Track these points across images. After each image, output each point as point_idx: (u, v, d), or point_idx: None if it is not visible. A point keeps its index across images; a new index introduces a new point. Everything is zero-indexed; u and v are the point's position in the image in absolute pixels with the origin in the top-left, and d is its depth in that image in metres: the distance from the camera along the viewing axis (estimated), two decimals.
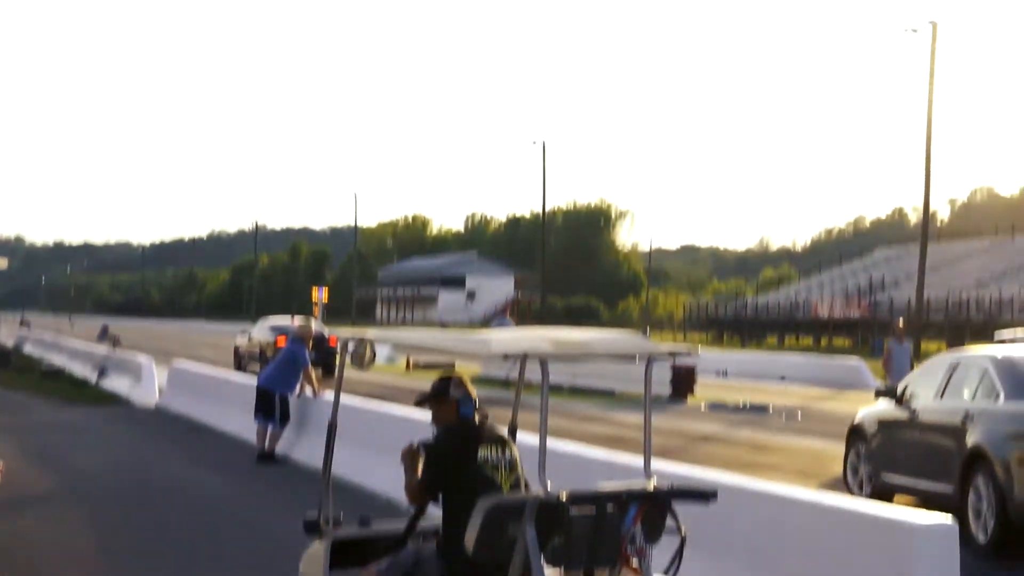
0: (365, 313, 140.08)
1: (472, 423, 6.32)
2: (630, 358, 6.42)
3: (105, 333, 59.53)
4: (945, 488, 12.64)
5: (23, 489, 14.71)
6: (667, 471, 8.93)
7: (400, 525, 6.60)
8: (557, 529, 5.53)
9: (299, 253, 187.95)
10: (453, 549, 5.84)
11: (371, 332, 6.72)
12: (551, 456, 5.68)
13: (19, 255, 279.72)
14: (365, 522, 6.81)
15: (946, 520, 7.52)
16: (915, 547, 7.35)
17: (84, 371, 36.38)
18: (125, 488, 15.34)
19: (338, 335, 7.18)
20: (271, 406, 17.99)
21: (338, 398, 7.05)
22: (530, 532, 5.43)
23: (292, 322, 32.84)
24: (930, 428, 13.37)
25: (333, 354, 32.72)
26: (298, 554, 6.94)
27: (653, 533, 5.83)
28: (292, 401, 18.27)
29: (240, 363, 38.70)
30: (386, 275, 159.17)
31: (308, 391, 18.51)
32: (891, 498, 13.51)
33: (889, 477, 14.08)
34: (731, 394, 33.35)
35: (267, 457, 17.81)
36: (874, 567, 7.57)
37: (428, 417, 6.65)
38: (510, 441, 6.38)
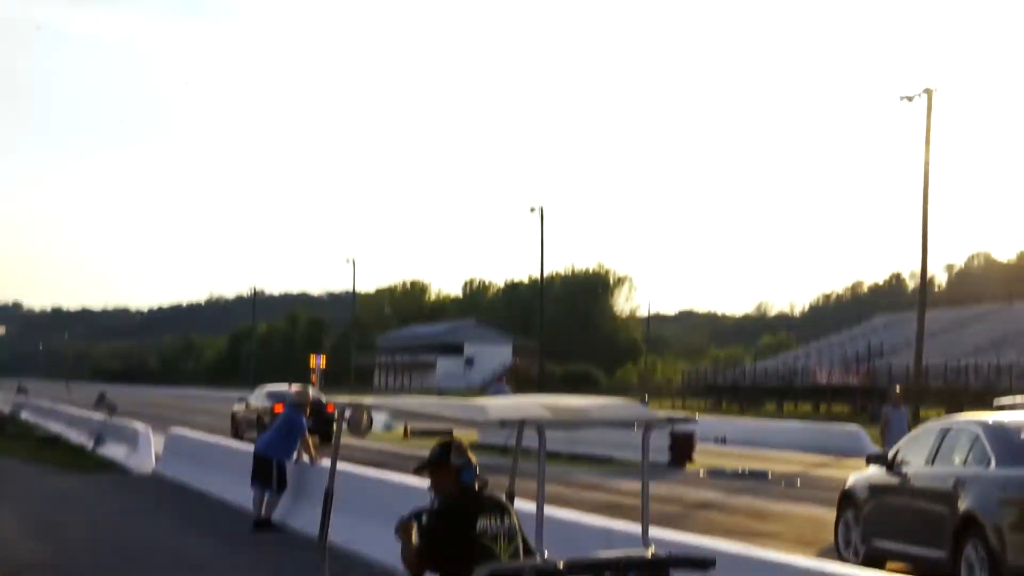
0: (363, 380, 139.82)
1: (472, 491, 6.29)
2: (628, 425, 6.42)
3: (102, 400, 59.37)
4: (938, 554, 12.63)
5: (17, 558, 14.61)
6: (665, 539, 8.89)
7: None
8: None
9: (297, 320, 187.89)
10: None
11: (368, 399, 6.73)
12: (549, 523, 5.66)
13: (17, 321, 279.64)
14: None
15: None
16: None
17: (81, 438, 36.24)
18: (120, 557, 15.24)
19: (335, 402, 7.18)
20: (268, 473, 17.91)
21: (335, 465, 7.03)
22: None
23: (290, 389, 32.76)
24: (922, 494, 13.37)
25: (331, 421, 32.64)
26: None
27: None
28: (289, 468, 18.20)
29: (237, 430, 38.60)
30: (384, 342, 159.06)
31: (305, 458, 18.45)
32: (883, 564, 13.47)
33: (881, 543, 14.05)
34: (730, 461, 33.22)
35: (264, 524, 17.71)
36: None
37: (426, 484, 6.62)
38: (510, 508, 6.35)
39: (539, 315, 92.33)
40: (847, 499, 15.09)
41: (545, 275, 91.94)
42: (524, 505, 7.53)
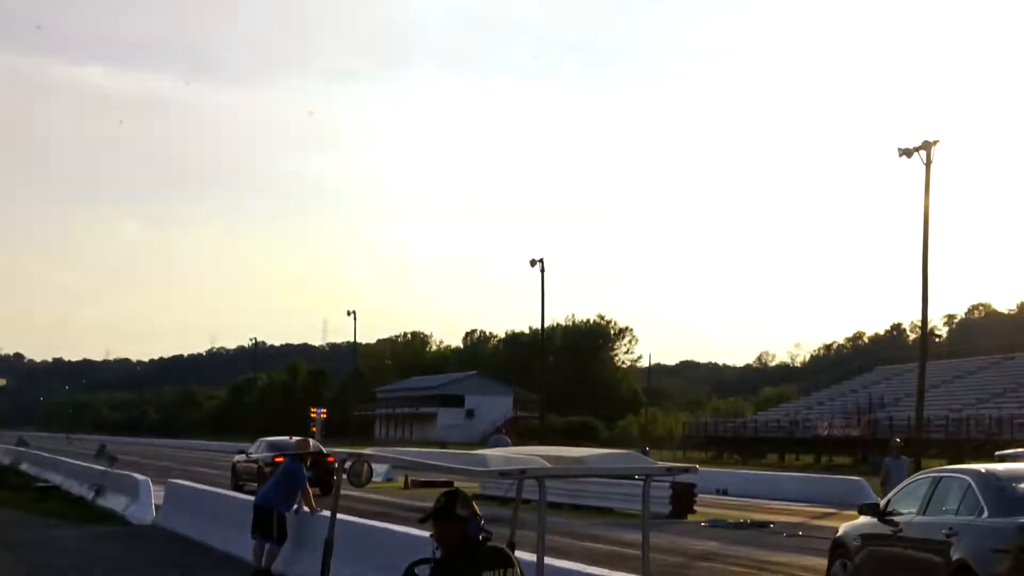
0: (364, 432, 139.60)
1: (477, 543, 6.27)
2: (628, 475, 6.45)
3: (102, 451, 59.28)
4: None
5: None
6: None
7: None
8: None
9: (298, 372, 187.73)
10: None
11: (369, 450, 6.76)
12: (550, 574, 5.68)
13: (19, 373, 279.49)
14: None
15: None
16: None
17: (81, 489, 36.19)
18: None
19: (336, 453, 7.21)
20: (268, 523, 17.89)
21: (335, 515, 7.06)
22: None
23: (290, 440, 32.78)
24: (913, 543, 13.39)
25: (331, 472, 32.61)
26: None
27: None
28: (289, 518, 18.19)
29: (237, 481, 38.60)
30: (385, 393, 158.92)
31: (305, 508, 18.43)
32: None
33: None
34: (731, 512, 33.15)
35: (264, 575, 17.68)
36: None
37: (426, 535, 6.62)
38: (514, 560, 6.34)
39: (540, 366, 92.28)
40: (839, 548, 15.18)
41: (546, 326, 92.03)
42: (525, 556, 7.55)
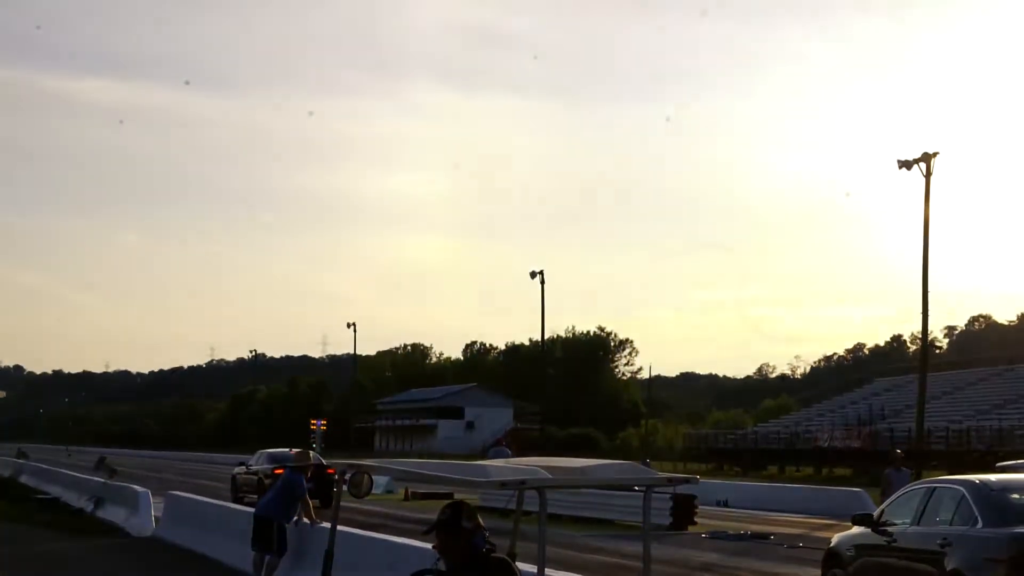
0: (364, 443, 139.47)
1: (482, 555, 6.23)
2: (629, 486, 6.45)
3: (101, 463, 59.28)
4: None
5: None
6: None
7: None
8: None
9: (297, 384, 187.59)
10: None
11: (369, 461, 6.75)
12: None
13: (18, 385, 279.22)
14: None
15: None
16: None
17: (80, 501, 36.16)
18: None
19: (336, 465, 7.20)
20: (268, 535, 17.87)
21: (335, 526, 7.05)
22: None
23: (290, 452, 32.77)
24: (907, 553, 13.40)
25: (332, 484, 32.58)
26: None
27: None
28: (289, 530, 18.16)
29: (237, 493, 38.60)
30: (385, 405, 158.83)
31: (305, 520, 18.41)
32: None
33: None
34: (732, 523, 33.11)
35: None
36: None
37: (427, 546, 6.61)
38: (516, 571, 6.32)
39: (540, 378, 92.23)
40: (832, 558, 15.22)
41: (546, 338, 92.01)
42: (526, 567, 7.53)
